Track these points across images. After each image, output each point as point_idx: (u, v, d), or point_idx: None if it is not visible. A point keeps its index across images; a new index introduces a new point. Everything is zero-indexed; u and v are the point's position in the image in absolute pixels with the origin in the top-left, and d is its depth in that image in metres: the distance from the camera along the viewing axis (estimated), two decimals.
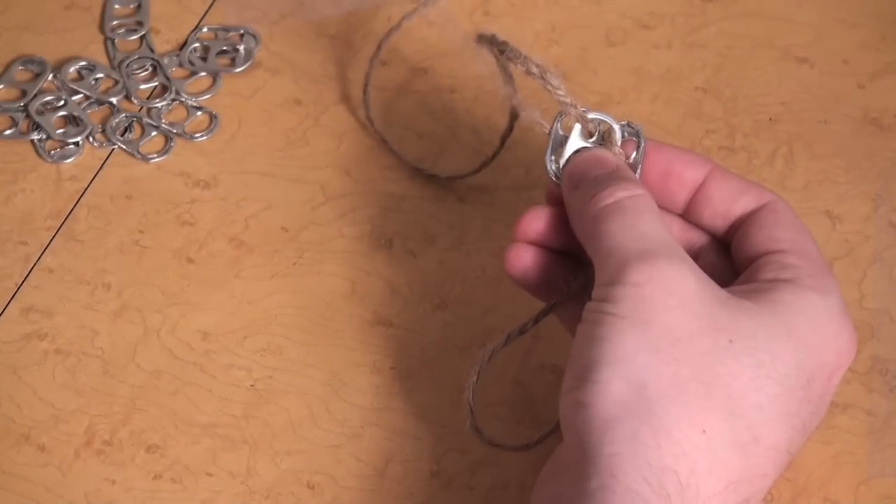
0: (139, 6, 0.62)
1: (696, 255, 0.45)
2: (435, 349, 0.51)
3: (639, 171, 0.45)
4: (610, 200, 0.42)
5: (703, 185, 0.44)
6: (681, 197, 0.45)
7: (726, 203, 0.44)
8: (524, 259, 0.45)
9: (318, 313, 0.52)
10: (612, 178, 0.43)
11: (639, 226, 0.41)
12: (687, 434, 0.37)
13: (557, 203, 0.45)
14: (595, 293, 0.40)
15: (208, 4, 0.62)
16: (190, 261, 0.54)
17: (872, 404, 0.48)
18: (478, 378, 0.45)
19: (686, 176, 0.44)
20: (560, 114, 0.45)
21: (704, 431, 0.37)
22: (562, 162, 0.45)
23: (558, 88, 0.44)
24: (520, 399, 0.49)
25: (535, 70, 0.44)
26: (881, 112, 0.56)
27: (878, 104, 0.56)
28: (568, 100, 0.44)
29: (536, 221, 0.45)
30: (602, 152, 0.45)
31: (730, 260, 0.44)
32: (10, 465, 0.49)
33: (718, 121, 0.56)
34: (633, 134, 0.45)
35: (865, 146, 0.55)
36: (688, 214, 0.45)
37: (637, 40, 0.59)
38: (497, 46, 0.46)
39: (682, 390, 0.37)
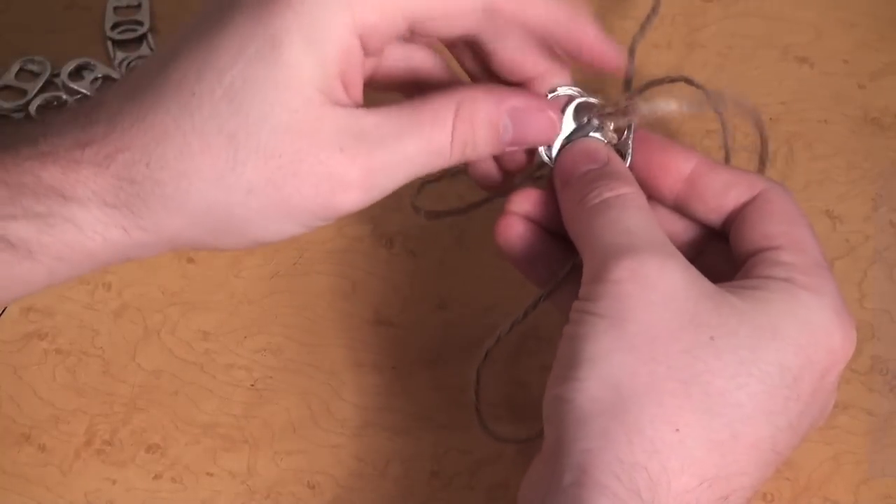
0: (139, 6, 0.62)
1: (700, 251, 0.44)
2: (435, 349, 0.51)
3: (629, 156, 0.44)
4: (596, 201, 0.42)
5: (691, 178, 0.43)
6: (666, 187, 0.44)
7: (717, 198, 0.43)
8: (515, 229, 0.44)
9: (318, 313, 0.52)
10: (600, 176, 0.43)
11: (623, 221, 0.41)
12: (659, 432, 0.37)
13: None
14: (581, 291, 0.40)
15: None
16: (190, 261, 0.54)
17: (872, 404, 0.48)
18: (478, 378, 0.45)
19: (671, 166, 0.44)
20: (549, 92, 0.44)
21: (678, 430, 0.37)
22: (555, 148, 0.44)
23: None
24: (521, 399, 0.49)
25: (624, 104, 0.44)
26: (881, 112, 0.56)
27: (878, 104, 0.56)
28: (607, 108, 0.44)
29: (525, 202, 0.44)
30: (593, 144, 0.44)
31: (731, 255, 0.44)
32: (10, 465, 0.49)
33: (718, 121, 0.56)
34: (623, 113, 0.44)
35: (865, 146, 0.55)
36: (680, 208, 0.44)
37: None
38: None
39: (657, 389, 0.37)
